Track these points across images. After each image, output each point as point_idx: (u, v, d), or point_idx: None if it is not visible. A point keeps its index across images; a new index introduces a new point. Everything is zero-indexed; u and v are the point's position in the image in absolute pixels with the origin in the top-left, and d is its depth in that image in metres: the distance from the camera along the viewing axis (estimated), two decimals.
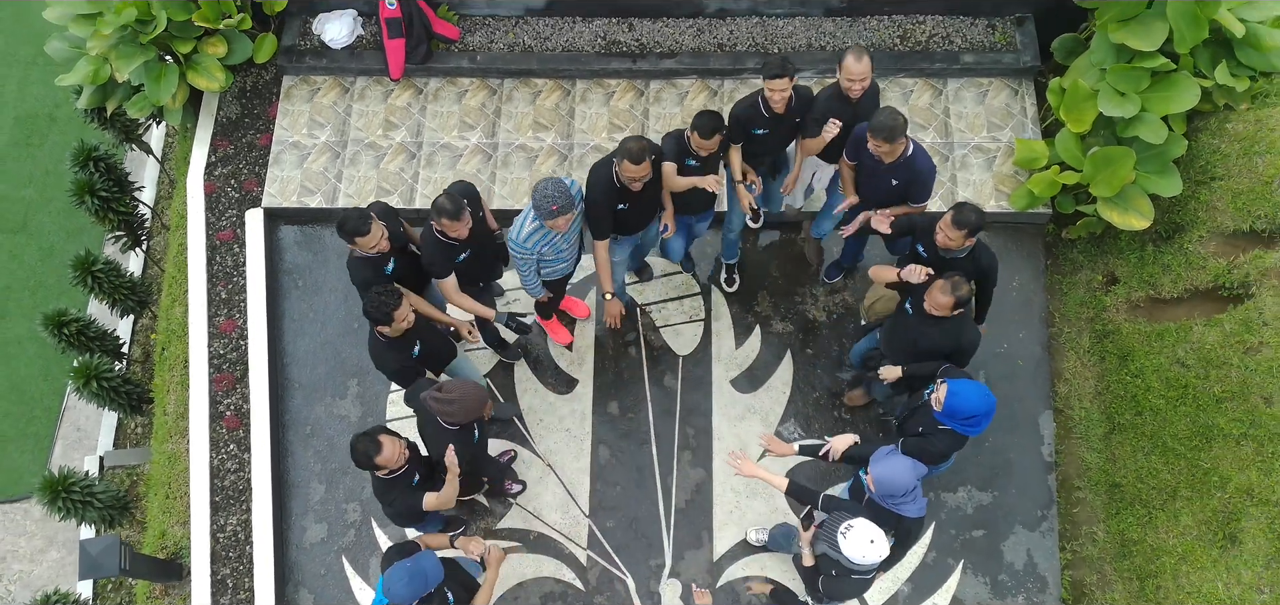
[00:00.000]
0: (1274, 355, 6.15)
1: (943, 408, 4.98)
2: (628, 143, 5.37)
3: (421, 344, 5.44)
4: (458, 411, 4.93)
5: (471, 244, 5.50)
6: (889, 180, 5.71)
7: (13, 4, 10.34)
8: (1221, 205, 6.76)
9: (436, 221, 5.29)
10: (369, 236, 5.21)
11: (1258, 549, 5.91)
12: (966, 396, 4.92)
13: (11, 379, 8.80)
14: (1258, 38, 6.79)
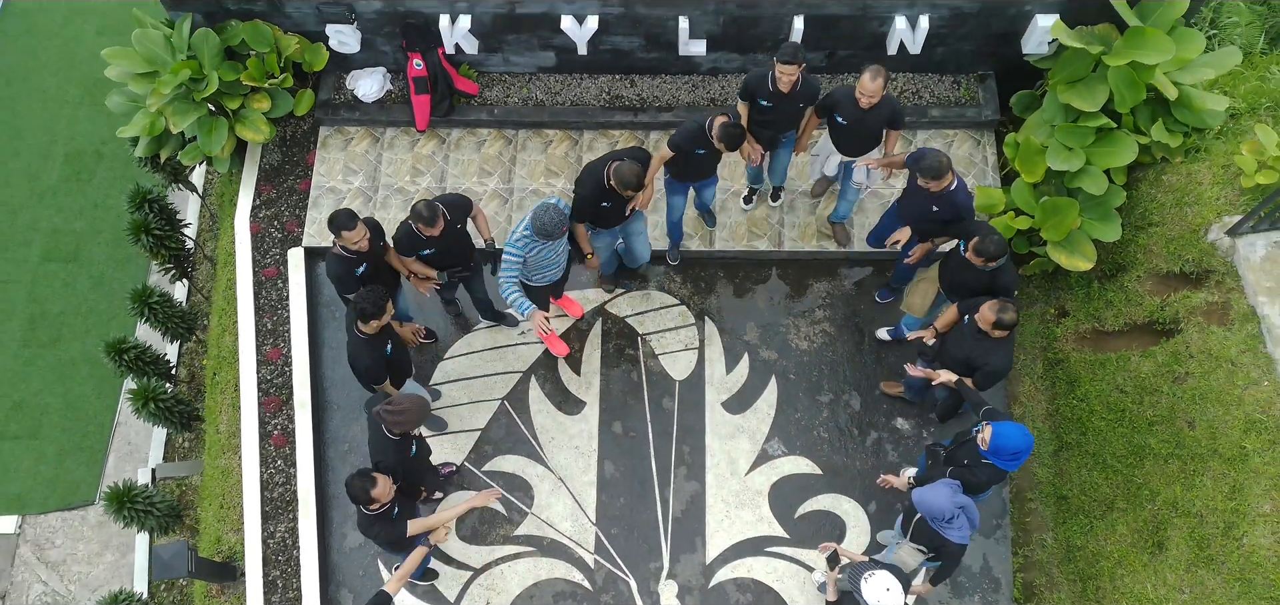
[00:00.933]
0: (1197, 384, 7.01)
1: (989, 447, 5.78)
2: (624, 164, 6.26)
3: (392, 345, 6.30)
4: (404, 420, 5.77)
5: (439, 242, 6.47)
6: (931, 207, 6.60)
7: (61, 47, 11.18)
8: (1157, 249, 7.62)
9: (414, 222, 6.27)
10: (354, 232, 6.11)
11: (1180, 555, 6.77)
12: (1010, 436, 5.72)
13: (67, 397, 9.64)
14: (1190, 99, 7.66)
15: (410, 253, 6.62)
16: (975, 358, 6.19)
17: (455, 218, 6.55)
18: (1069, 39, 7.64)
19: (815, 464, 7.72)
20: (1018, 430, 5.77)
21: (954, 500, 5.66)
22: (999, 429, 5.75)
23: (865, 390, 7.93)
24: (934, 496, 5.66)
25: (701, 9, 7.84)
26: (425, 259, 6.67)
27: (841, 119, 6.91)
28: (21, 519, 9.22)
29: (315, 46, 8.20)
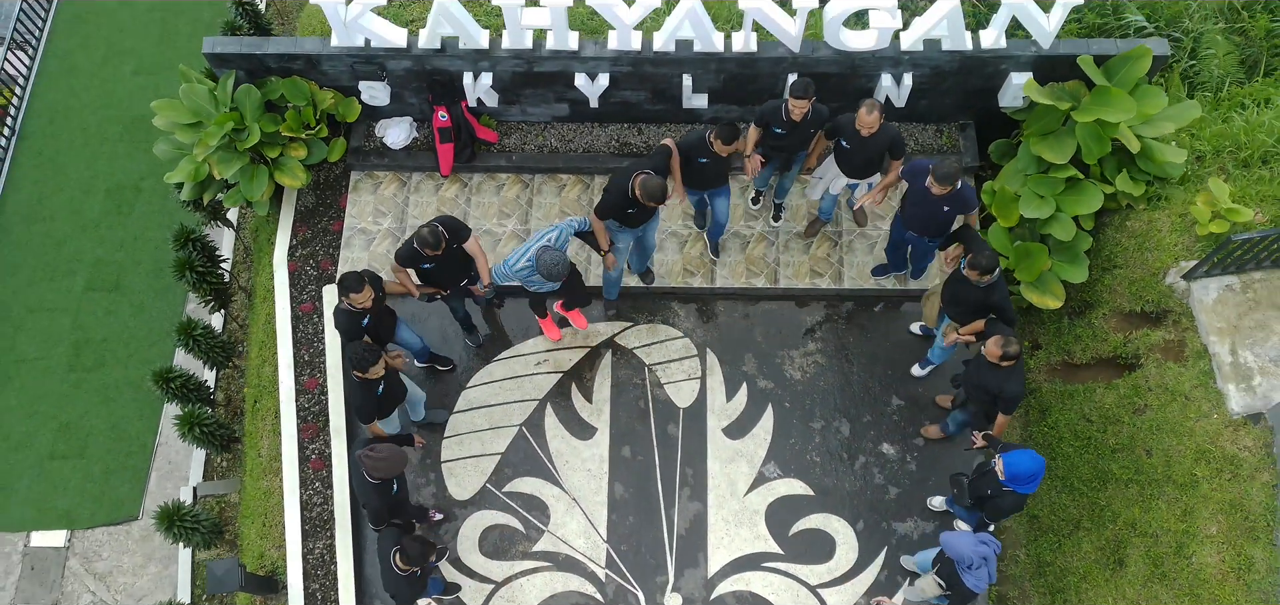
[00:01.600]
0: (1155, 416, 7.72)
1: (1005, 477, 6.48)
2: (650, 179, 7.05)
3: (384, 386, 7.02)
4: (381, 467, 6.50)
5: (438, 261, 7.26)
6: (942, 207, 7.37)
7: (100, 87, 11.89)
8: (1120, 290, 8.34)
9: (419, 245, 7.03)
10: (360, 295, 6.82)
11: (1138, 572, 7.48)
12: (1022, 464, 6.42)
13: (111, 419, 10.34)
14: (1152, 151, 8.38)
15: (410, 266, 7.39)
16: (993, 385, 6.91)
17: (453, 239, 7.30)
18: (1040, 96, 8.36)
19: (808, 485, 8.43)
20: (1027, 456, 6.48)
21: (978, 550, 6.34)
22: (1009, 459, 6.46)
23: (854, 417, 8.64)
24: (960, 543, 6.38)
25: (704, 68, 8.55)
26: (424, 272, 7.47)
27: (846, 144, 7.66)
28: (70, 533, 9.92)
29: (349, 100, 8.91)
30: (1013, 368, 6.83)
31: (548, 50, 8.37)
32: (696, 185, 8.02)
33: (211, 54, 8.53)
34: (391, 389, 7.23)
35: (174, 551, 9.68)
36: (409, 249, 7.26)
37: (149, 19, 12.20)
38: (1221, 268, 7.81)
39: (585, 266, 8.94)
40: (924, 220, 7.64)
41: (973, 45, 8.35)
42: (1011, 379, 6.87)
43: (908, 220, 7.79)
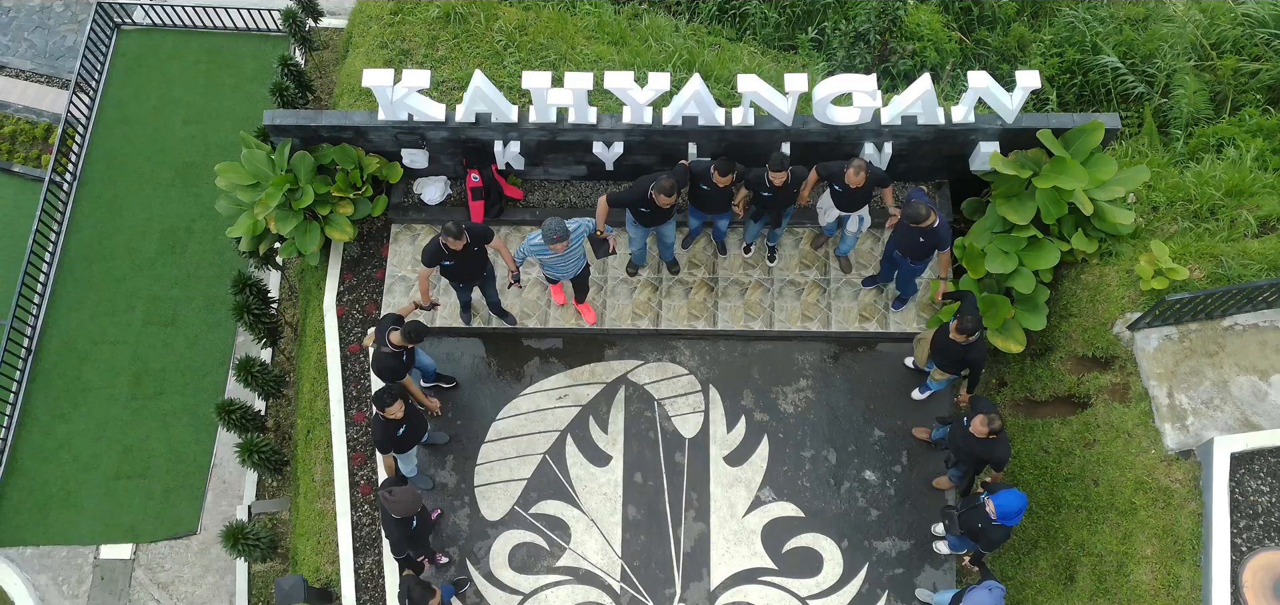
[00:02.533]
0: (1102, 450, 8.87)
1: (996, 516, 7.63)
2: (664, 180, 8.38)
3: (406, 425, 8.18)
4: (398, 507, 7.64)
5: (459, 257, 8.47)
6: (918, 238, 8.65)
7: (152, 135, 13.00)
8: (1075, 336, 9.48)
9: (442, 236, 8.22)
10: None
11: (1085, 587, 8.63)
12: (1010, 503, 7.58)
13: (170, 443, 11.47)
14: (1104, 213, 9.50)
15: (433, 263, 8.57)
16: (981, 453, 8.08)
17: (475, 241, 8.48)
18: (1004, 167, 9.49)
19: (799, 508, 9.58)
20: (1014, 495, 7.65)
21: (992, 597, 7.51)
22: (998, 499, 7.63)
23: (839, 446, 9.78)
24: (978, 599, 7.52)
25: (707, 137, 9.68)
26: (445, 269, 8.67)
27: (838, 188, 8.88)
28: (136, 546, 11.07)
29: (392, 164, 10.04)
30: (998, 438, 8.01)
31: (569, 123, 9.51)
32: (701, 208, 9.31)
33: (272, 126, 9.65)
34: (412, 427, 8.34)
35: (230, 563, 10.83)
36: (434, 245, 8.46)
37: (196, 71, 13.31)
38: (1161, 320, 8.95)
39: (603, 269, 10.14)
40: (905, 244, 8.90)
41: (945, 120, 9.48)
42: (997, 447, 8.07)
43: (895, 241, 9.03)
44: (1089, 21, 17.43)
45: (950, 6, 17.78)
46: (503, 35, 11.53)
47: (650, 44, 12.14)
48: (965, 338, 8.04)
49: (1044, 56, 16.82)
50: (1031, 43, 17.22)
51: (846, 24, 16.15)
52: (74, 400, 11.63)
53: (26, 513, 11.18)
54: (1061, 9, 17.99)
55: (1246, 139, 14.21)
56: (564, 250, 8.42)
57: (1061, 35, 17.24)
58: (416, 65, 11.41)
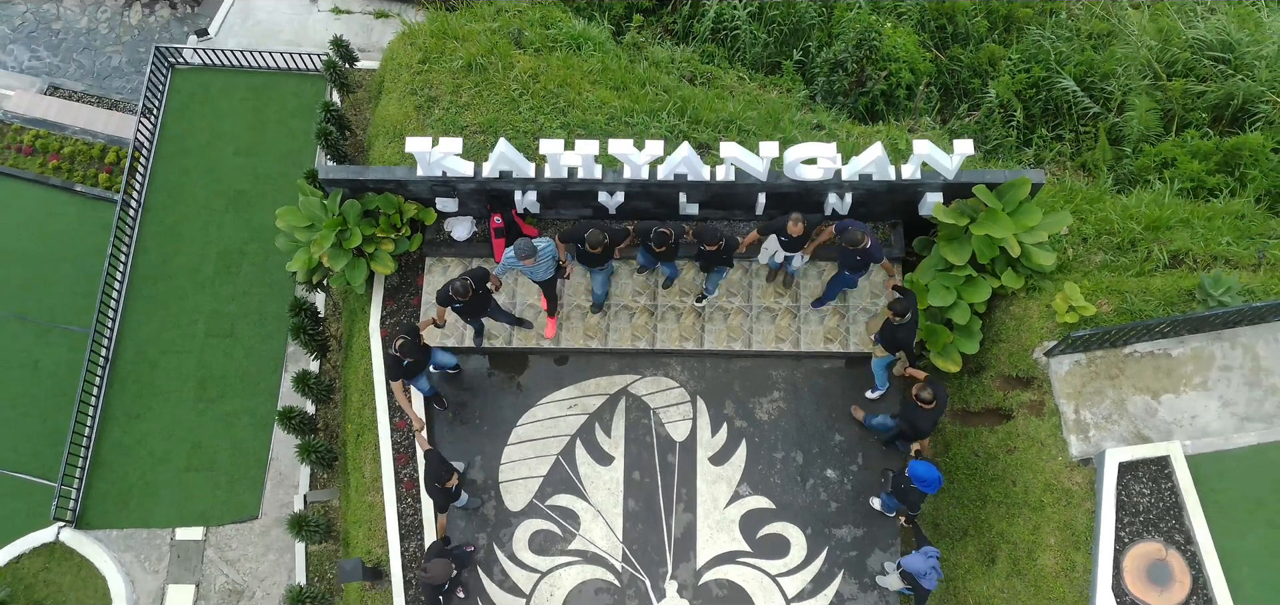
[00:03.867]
0: (1021, 456, 10.88)
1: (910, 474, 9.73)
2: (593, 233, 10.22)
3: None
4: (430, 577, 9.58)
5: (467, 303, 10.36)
6: (856, 257, 10.53)
7: (207, 165, 14.84)
8: (1003, 359, 11.46)
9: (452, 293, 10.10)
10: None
11: (1003, 569, 10.68)
12: (920, 470, 9.69)
13: (232, 440, 13.45)
14: (1029, 254, 11.42)
15: (444, 304, 10.50)
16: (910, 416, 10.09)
17: (478, 286, 10.39)
18: (944, 216, 11.40)
19: (771, 500, 11.61)
20: (926, 465, 9.70)
21: (928, 562, 9.55)
22: (913, 465, 9.72)
23: (805, 449, 11.80)
24: (914, 562, 9.57)
25: (695, 189, 11.59)
26: (456, 309, 10.58)
27: (784, 238, 10.80)
28: (206, 529, 13.11)
29: (427, 209, 11.95)
30: (929, 411, 10.00)
31: (578, 178, 11.41)
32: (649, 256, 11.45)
33: (327, 179, 11.56)
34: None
35: (289, 542, 12.86)
36: (445, 293, 10.32)
37: (243, 107, 15.14)
38: (1071, 349, 10.93)
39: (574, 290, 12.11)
40: (848, 263, 10.85)
41: (896, 176, 11.38)
42: (923, 418, 10.06)
43: (842, 263, 10.96)
44: (1053, 40, 19.30)
45: (927, 25, 19.61)
46: (518, 84, 13.40)
47: (648, 88, 13.98)
48: (898, 318, 10.05)
49: (1012, 73, 18.69)
50: (1001, 59, 19.09)
51: (828, 49, 17.96)
52: (148, 402, 13.61)
53: (111, 501, 13.22)
54: (1029, 28, 19.85)
55: (1186, 161, 16.19)
56: (533, 264, 10.40)
57: (1028, 53, 19.11)
58: (443, 111, 13.30)
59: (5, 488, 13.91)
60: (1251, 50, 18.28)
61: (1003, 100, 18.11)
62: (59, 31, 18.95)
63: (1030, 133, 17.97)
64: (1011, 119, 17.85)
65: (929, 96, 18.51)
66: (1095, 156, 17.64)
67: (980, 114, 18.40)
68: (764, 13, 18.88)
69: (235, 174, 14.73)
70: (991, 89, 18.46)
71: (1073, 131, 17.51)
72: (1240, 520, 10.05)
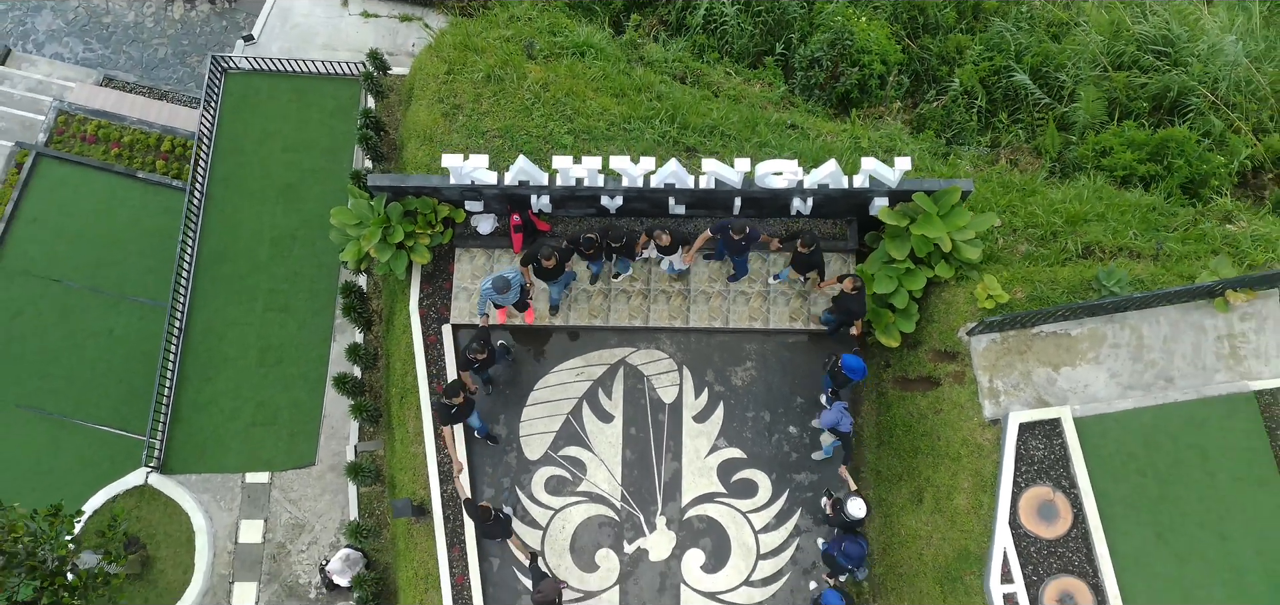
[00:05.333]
0: (946, 416, 13.68)
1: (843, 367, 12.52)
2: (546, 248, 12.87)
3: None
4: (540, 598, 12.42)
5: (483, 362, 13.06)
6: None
7: (259, 161, 17.42)
8: (935, 336, 14.23)
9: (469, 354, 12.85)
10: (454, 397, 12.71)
11: (928, 507, 13.56)
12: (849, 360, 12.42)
13: (290, 399, 16.23)
14: (959, 250, 14.08)
15: (466, 369, 13.12)
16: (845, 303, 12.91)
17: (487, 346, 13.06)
18: (888, 218, 14.04)
19: (743, 452, 14.43)
20: (854, 357, 12.52)
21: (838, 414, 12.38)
22: (845, 359, 12.54)
23: (772, 409, 14.60)
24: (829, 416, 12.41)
25: (682, 194, 14.25)
26: (474, 369, 13.19)
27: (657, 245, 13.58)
28: (271, 474, 15.98)
29: (458, 209, 14.60)
30: (856, 294, 12.83)
31: (585, 186, 14.07)
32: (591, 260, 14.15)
33: (375, 186, 14.22)
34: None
35: (341, 485, 15.72)
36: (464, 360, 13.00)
37: (288, 108, 17.68)
38: (988, 329, 13.70)
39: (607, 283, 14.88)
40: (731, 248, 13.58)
41: (848, 185, 14.04)
42: (853, 301, 12.91)
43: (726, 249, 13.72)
44: (1014, 32, 21.83)
45: (899, 16, 22.09)
46: (531, 93, 15.99)
47: (644, 94, 16.55)
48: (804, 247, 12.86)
49: (976, 62, 21.25)
50: (967, 48, 21.62)
51: (807, 43, 20.46)
52: (217, 367, 16.39)
53: (190, 450, 16.06)
54: (993, 20, 22.36)
55: (1121, 151, 18.84)
56: (508, 293, 13.01)
57: (991, 43, 21.67)
58: (466, 117, 15.91)
59: (92, 439, 16.81)
60: (1188, 46, 20.80)
61: (967, 87, 20.65)
62: (109, 24, 21.37)
63: (992, 115, 20.57)
64: (975, 101, 20.35)
65: (900, 83, 21.09)
66: (1045, 141, 20.30)
67: (947, 99, 20.99)
68: (751, 6, 21.35)
69: (283, 168, 17.33)
70: (956, 77, 21.02)
71: (1029, 116, 20.01)
72: (1115, 469, 12.90)
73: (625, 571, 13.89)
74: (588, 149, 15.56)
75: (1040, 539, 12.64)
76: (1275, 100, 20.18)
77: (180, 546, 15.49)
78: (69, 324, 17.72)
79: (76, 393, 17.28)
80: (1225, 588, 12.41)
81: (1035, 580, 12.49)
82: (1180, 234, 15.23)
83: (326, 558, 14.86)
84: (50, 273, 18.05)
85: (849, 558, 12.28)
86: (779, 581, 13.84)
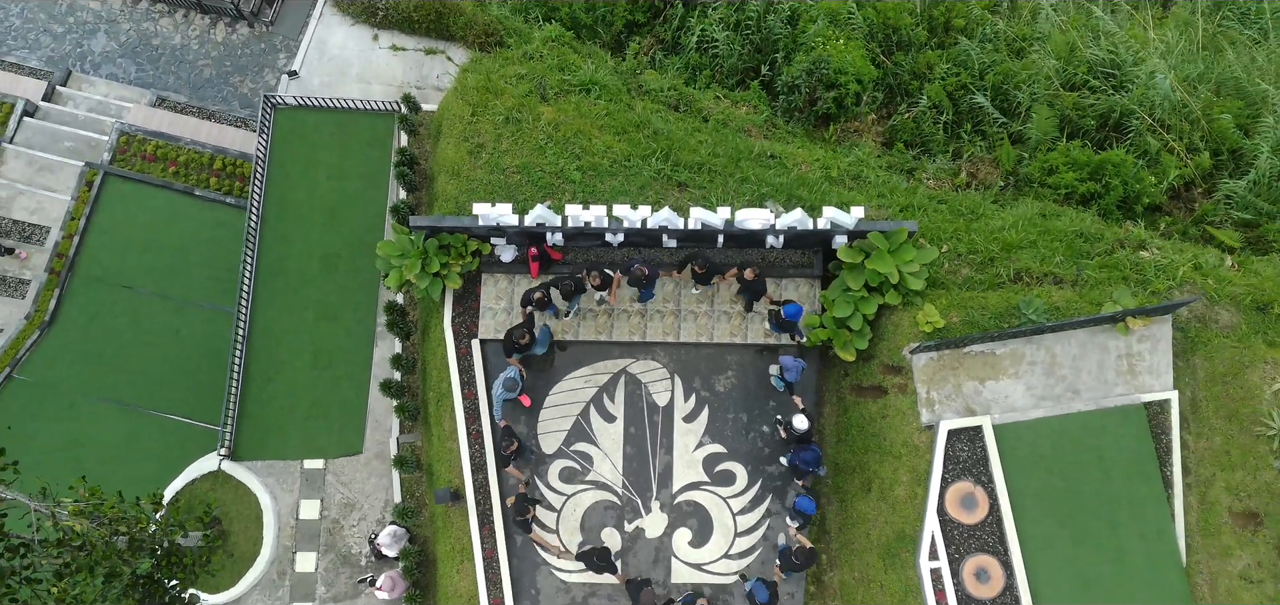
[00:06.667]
0: (891, 421, 16.99)
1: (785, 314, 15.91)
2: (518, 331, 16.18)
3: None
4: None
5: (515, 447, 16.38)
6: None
7: (306, 187, 20.43)
8: (884, 351, 17.48)
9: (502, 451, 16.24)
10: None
11: (875, 495, 16.90)
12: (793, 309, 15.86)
13: (340, 397, 19.45)
14: (906, 280, 17.32)
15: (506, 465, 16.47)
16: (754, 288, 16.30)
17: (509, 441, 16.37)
18: (846, 255, 17.15)
19: (724, 447, 17.76)
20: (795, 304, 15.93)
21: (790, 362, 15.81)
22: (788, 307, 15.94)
23: (749, 411, 17.92)
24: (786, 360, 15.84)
25: (674, 232, 17.42)
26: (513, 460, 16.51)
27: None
28: (325, 461, 19.35)
29: (485, 243, 17.79)
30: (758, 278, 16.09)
31: (592, 226, 17.23)
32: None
33: (416, 225, 17.37)
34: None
35: (386, 469, 19.01)
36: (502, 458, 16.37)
37: (330, 139, 20.66)
38: (927, 349, 16.96)
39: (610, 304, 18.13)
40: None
41: (814, 226, 17.19)
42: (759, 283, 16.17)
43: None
44: (978, 52, 24.78)
45: (875, 35, 25.02)
46: (543, 133, 19.07)
47: (642, 131, 19.60)
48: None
49: (943, 78, 24.24)
50: (936, 64, 24.59)
51: (789, 67, 23.40)
52: (276, 368, 19.64)
53: (255, 440, 19.35)
54: (960, 39, 25.31)
55: (1064, 171, 21.91)
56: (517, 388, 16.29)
57: (958, 60, 24.66)
58: (488, 155, 18.99)
59: (164, 427, 20.18)
60: (1132, 70, 23.78)
61: (935, 102, 23.63)
62: (158, 46, 24.28)
63: (959, 126, 23.56)
64: (941, 115, 23.29)
65: (873, 99, 24.12)
66: (1001, 156, 23.40)
67: (917, 111, 24.03)
68: (740, 25, 24.26)
69: (328, 193, 20.40)
70: (925, 93, 24.02)
71: (991, 129, 22.90)
72: (1026, 468, 16.23)
73: (626, 546, 17.33)
74: (594, 183, 18.68)
75: (962, 524, 16.03)
76: (1206, 122, 23.15)
77: (250, 522, 18.90)
78: (139, 326, 20.95)
79: (148, 387, 20.58)
80: (1112, 565, 15.80)
81: (957, 558, 15.91)
82: (1098, 261, 18.37)
83: (375, 532, 18.28)
84: (121, 280, 21.23)
85: (808, 462, 15.72)
86: (753, 555, 17.30)
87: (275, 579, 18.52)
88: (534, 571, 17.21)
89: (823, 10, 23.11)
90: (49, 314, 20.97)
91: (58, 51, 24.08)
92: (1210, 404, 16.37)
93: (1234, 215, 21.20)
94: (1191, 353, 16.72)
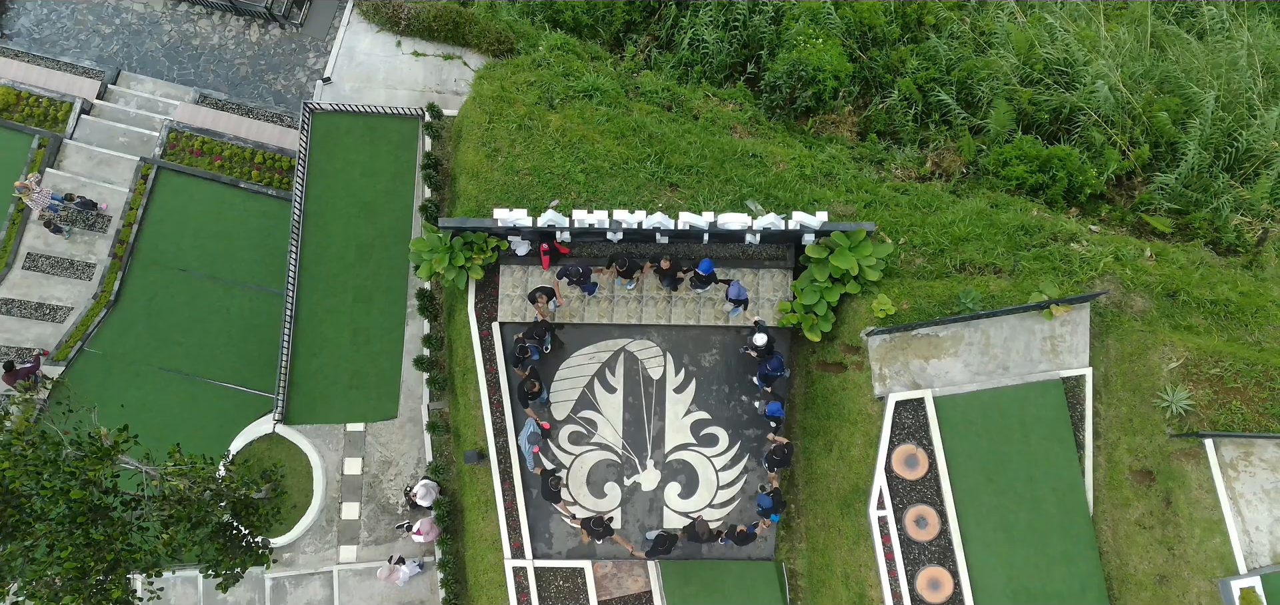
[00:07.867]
0: (850, 393, 20.64)
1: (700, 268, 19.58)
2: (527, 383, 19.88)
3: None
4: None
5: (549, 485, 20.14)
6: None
7: (342, 184, 23.90)
8: (846, 334, 21.10)
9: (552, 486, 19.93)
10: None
11: (835, 455, 20.64)
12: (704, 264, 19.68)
13: (376, 370, 23.02)
14: (865, 272, 20.87)
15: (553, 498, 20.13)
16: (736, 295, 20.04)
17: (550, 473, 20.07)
18: (813, 252, 20.73)
19: (709, 414, 21.47)
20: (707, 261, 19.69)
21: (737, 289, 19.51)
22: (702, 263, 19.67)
23: (730, 383, 21.59)
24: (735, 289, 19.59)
25: (666, 232, 20.97)
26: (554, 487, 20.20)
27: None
28: (365, 425, 23.09)
29: (504, 240, 21.36)
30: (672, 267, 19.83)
31: (595, 226, 20.79)
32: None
33: (444, 226, 20.93)
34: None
35: (418, 431, 22.75)
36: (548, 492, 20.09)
37: (362, 140, 24.08)
38: (880, 332, 20.61)
39: (609, 286, 21.81)
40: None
41: (785, 227, 20.74)
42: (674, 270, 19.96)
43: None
44: (946, 49, 28.08)
45: (852, 32, 28.31)
46: (552, 139, 22.55)
47: (639, 135, 23.06)
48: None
49: (914, 72, 27.59)
50: (908, 59, 27.92)
51: (774, 62, 26.71)
52: (321, 343, 23.26)
53: (304, 407, 23.05)
54: (929, 36, 28.61)
55: (1016, 164, 25.40)
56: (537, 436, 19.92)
57: (928, 55, 28.00)
58: (504, 158, 22.47)
59: (219, 394, 23.89)
60: (1083, 69, 27.10)
61: (906, 94, 26.94)
62: (197, 47, 27.54)
63: (928, 117, 26.92)
64: (912, 106, 26.60)
65: (849, 93, 27.49)
66: (962, 146, 26.83)
67: (889, 102, 27.42)
68: (728, 23, 27.52)
69: (361, 188, 23.86)
70: (897, 87, 27.36)
71: (956, 120, 26.23)
72: (961, 432, 19.95)
73: (625, 498, 21.15)
74: (596, 183, 22.15)
75: (906, 480, 19.83)
76: (1146, 117, 26.55)
77: (302, 477, 22.68)
78: (194, 305, 24.52)
79: (203, 358, 24.20)
80: (1030, 513, 19.58)
81: (901, 507, 19.74)
82: (1034, 253, 21.92)
83: (410, 485, 22.08)
84: (176, 263, 24.75)
85: (773, 368, 19.47)
86: (732, 505, 21.13)
87: (325, 525, 22.34)
88: (547, 519, 21.06)
89: (804, 9, 26.26)
90: (114, 294, 24.44)
91: (106, 51, 27.29)
92: (1119, 379, 20.00)
93: (1165, 205, 24.62)
94: (1106, 334, 20.31)
